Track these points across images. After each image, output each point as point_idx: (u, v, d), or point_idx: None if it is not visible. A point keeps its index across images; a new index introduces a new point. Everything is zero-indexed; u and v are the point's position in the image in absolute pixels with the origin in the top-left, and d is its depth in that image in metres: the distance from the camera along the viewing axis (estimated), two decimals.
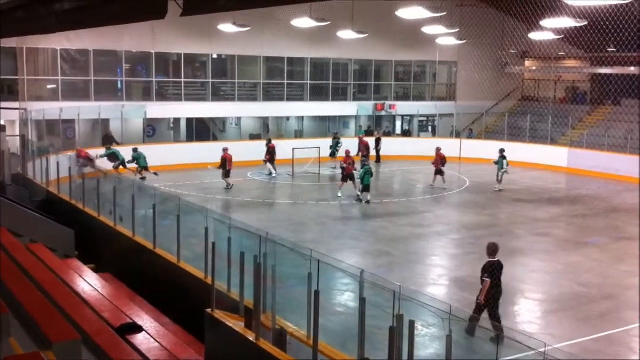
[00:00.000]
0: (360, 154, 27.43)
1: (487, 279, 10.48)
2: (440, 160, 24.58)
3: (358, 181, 21.60)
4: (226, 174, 23.43)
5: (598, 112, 33.40)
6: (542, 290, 13.64)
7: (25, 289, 10.00)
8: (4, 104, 24.00)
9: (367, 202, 21.04)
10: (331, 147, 29.05)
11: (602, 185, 25.77)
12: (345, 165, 22.24)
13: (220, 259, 9.82)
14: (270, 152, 26.44)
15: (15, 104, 24.37)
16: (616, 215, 20.49)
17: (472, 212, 20.64)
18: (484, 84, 33.71)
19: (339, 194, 22.08)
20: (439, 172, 24.57)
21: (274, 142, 27.08)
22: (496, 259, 10.73)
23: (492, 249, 10.81)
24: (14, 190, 18.88)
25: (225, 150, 23.75)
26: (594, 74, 35.00)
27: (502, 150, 24.22)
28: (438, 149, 24.79)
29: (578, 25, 23.71)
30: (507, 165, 23.88)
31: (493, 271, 10.55)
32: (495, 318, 10.35)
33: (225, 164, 23.40)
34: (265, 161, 26.44)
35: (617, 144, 28.60)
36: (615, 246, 16.81)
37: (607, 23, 26.16)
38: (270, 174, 26.18)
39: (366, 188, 21.09)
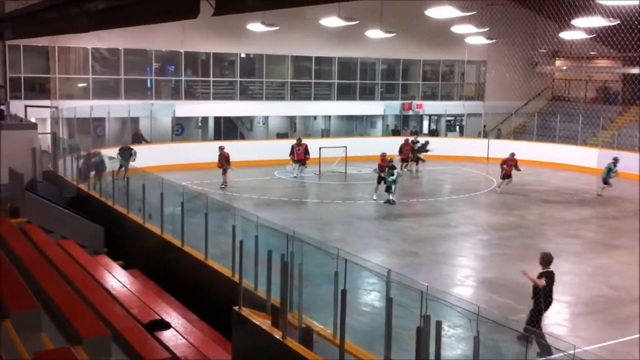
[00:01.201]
0: (402, 156, 26.86)
1: (542, 281, 10.14)
2: (512, 165, 23.59)
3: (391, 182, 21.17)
4: (223, 172, 23.28)
5: (630, 112, 32.91)
6: (571, 293, 13.48)
7: (56, 284, 10.17)
8: (36, 102, 24.40)
9: (392, 202, 20.93)
10: (417, 148, 27.94)
11: (633, 187, 25.34)
12: (378, 170, 21.66)
13: (247, 257, 9.86)
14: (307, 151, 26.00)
15: (47, 102, 24.74)
16: None
17: (500, 213, 20.48)
18: (513, 83, 33.44)
19: (375, 197, 21.56)
20: (507, 176, 23.58)
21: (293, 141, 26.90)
22: (550, 269, 10.38)
23: (547, 259, 10.40)
24: (45, 187, 19.16)
25: (221, 148, 23.57)
26: (626, 74, 34.50)
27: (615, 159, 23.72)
28: (512, 154, 23.85)
29: (610, 24, 23.38)
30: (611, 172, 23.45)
31: (548, 282, 10.26)
32: (536, 325, 10.03)
33: (224, 162, 23.27)
34: (296, 160, 25.93)
35: None
36: None
37: None
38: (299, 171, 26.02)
39: (389, 189, 21.03)
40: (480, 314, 6.38)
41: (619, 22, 23.46)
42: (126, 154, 22.25)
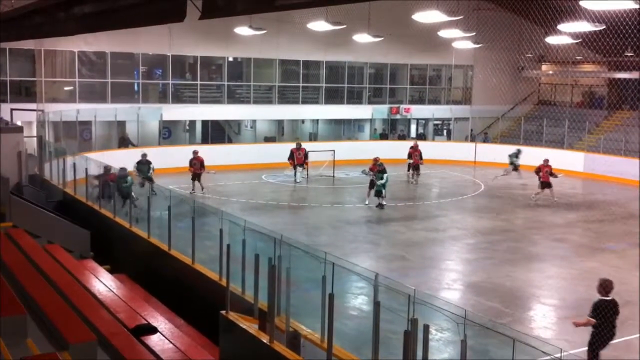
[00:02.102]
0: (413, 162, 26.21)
1: (592, 319, 9.27)
2: (547, 172, 22.50)
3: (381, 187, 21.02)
4: (196, 177, 22.75)
5: (615, 116, 33.16)
6: (558, 296, 13.55)
7: (42, 289, 10.09)
8: (22, 105, 24.25)
9: (382, 206, 20.96)
10: (513, 160, 27.06)
11: (619, 191, 25.55)
12: (371, 173, 21.45)
13: (235, 261, 9.84)
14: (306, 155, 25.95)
15: (33, 105, 24.59)
16: (633, 221, 20.28)
17: (487, 217, 20.56)
18: (500, 87, 33.63)
19: (367, 202, 21.44)
20: (547, 184, 22.52)
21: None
22: (610, 298, 9.42)
23: (605, 287, 9.40)
24: (31, 191, 19.02)
25: (195, 152, 23.16)
26: (612, 79, 34.76)
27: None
28: (546, 160, 22.84)
29: (595, 29, 23.51)
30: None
31: (606, 313, 9.29)
32: (594, 354, 9.30)
33: (199, 167, 22.81)
34: (296, 165, 25.76)
35: (634, 149, 28.36)
36: (632, 252, 16.64)
37: (625, 27, 25.95)
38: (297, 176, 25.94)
39: (379, 193, 21.05)
40: (468, 318, 6.40)
41: (604, 27, 23.62)
42: (144, 168, 21.28)
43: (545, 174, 22.54)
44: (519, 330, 10.23)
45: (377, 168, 21.28)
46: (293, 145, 26.29)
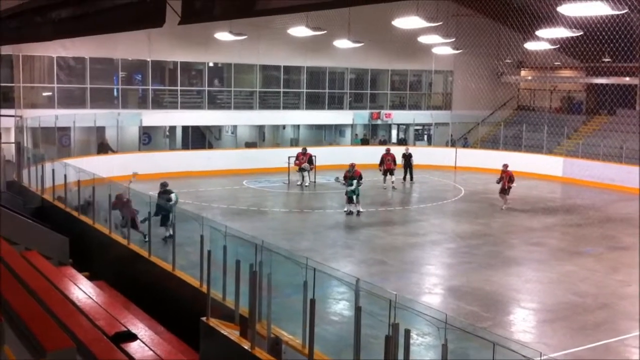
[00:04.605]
0: (384, 167, 26.00)
1: None
2: (507, 178, 22.19)
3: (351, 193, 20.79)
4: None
5: (593, 121, 33.53)
6: (537, 300, 13.65)
7: (19, 297, 9.96)
8: (0, 111, 24.00)
9: (354, 213, 20.84)
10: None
11: (597, 195, 25.83)
12: (341, 181, 21.40)
13: (216, 267, 9.81)
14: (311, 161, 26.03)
15: (11, 111, 24.33)
16: (611, 225, 20.54)
17: (467, 221, 20.66)
18: (479, 93, 33.89)
19: (345, 209, 21.14)
20: (504, 191, 22.26)
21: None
22: None
23: None
24: (9, 197, 18.83)
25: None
26: (590, 84, 35.15)
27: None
28: (505, 166, 22.47)
29: (573, 35, 23.82)
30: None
31: None
32: None
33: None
34: (304, 169, 25.87)
35: (612, 153, 28.70)
36: (610, 256, 16.84)
37: (603, 33, 26.30)
38: (302, 182, 26.00)
39: (350, 200, 20.85)
40: (448, 322, 6.43)
41: (582, 32, 23.91)
42: (164, 199, 17.11)
43: (505, 180, 22.26)
44: (499, 334, 10.32)
45: (347, 174, 21.11)
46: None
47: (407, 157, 27.38)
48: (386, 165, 25.98)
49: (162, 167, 26.08)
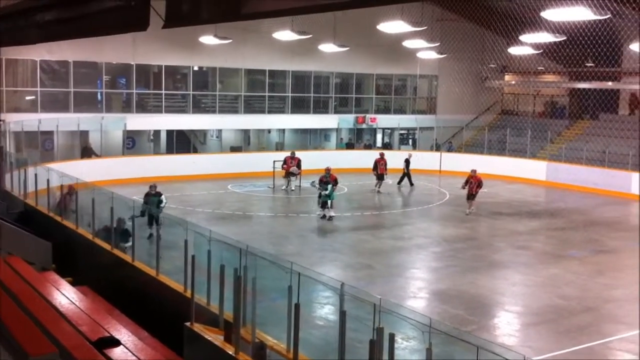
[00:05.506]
0: (377, 171, 26.25)
1: None
2: (476, 184, 22.14)
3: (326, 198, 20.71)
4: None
5: (576, 126, 33.78)
6: (522, 303, 13.70)
7: (1, 302, 9.86)
8: None
9: (328, 217, 20.70)
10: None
11: (581, 199, 26.02)
12: (317, 185, 21.31)
13: (200, 272, 9.75)
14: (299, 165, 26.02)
15: None
16: (595, 228, 20.69)
17: (452, 225, 20.72)
18: (464, 97, 34.08)
19: (319, 212, 21.16)
20: (472, 196, 22.18)
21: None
22: None
23: None
24: None
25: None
26: (573, 89, 35.42)
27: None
28: (474, 171, 22.47)
29: (556, 40, 24.00)
30: None
31: None
32: None
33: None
34: (292, 174, 25.82)
35: (595, 157, 28.94)
36: (594, 259, 16.96)
37: (585, 38, 26.52)
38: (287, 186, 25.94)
39: (324, 204, 20.80)
40: (433, 326, 6.42)
41: (565, 37, 24.09)
42: (154, 201, 17.68)
43: (474, 185, 22.20)
44: (484, 337, 10.34)
45: (323, 179, 21.09)
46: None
47: (408, 163, 27.92)
48: (379, 170, 26.26)
49: (147, 172, 25.91)
